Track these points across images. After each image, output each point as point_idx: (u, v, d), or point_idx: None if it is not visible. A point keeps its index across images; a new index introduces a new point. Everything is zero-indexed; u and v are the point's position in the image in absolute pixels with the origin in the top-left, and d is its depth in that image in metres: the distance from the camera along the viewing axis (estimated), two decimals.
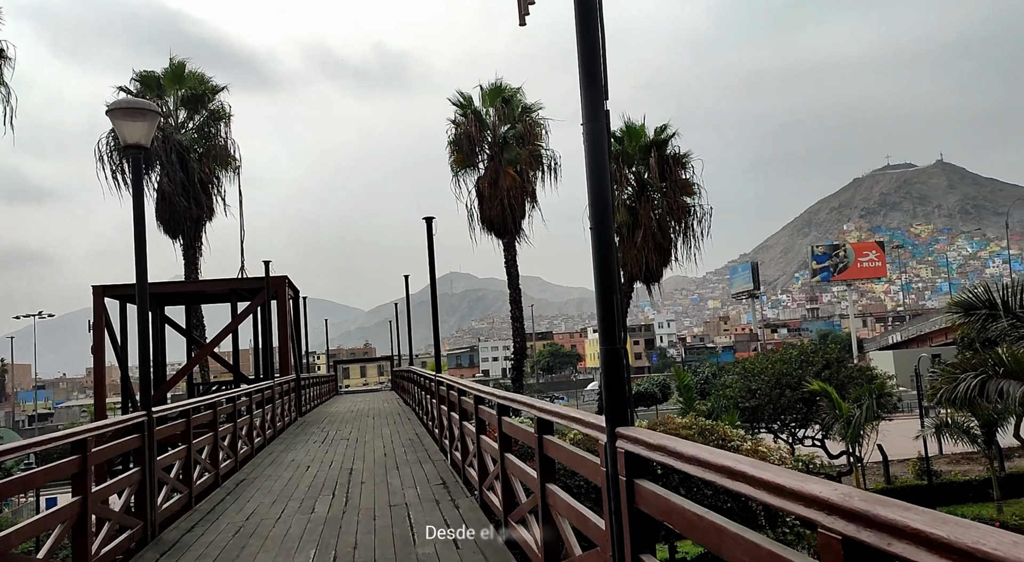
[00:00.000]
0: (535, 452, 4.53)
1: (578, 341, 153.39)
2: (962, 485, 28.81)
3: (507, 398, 5.85)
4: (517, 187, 28.23)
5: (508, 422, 5.79)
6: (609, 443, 3.05)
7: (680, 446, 2.39)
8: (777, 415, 28.22)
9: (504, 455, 5.85)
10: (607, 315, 3.05)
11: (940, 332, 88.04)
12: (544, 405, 4.40)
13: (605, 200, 3.10)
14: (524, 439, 5.22)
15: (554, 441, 4.29)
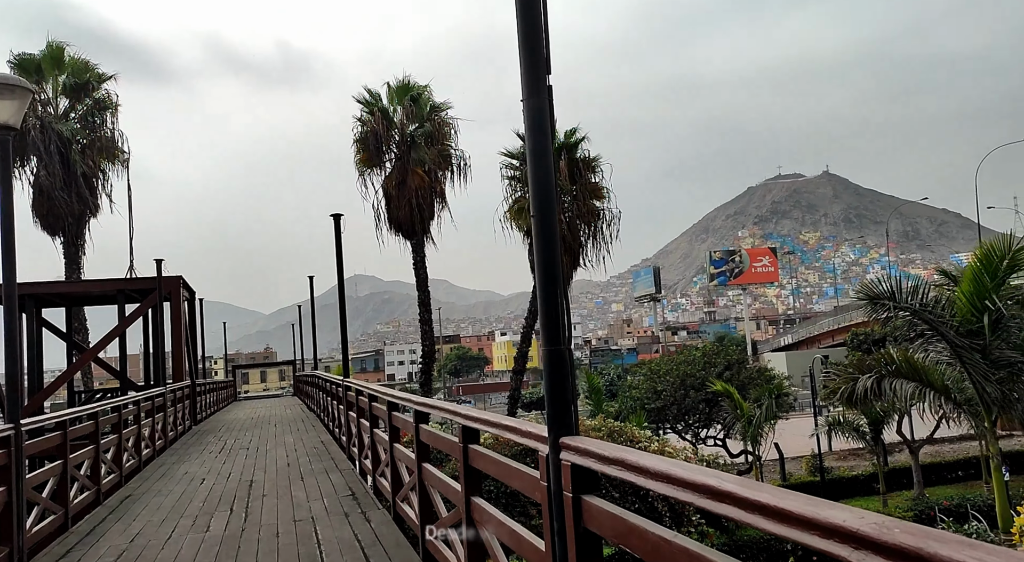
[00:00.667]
0: (460, 463, 4.17)
1: (485, 344, 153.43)
2: (850, 480, 30.20)
3: (426, 404, 5.45)
4: (426, 187, 27.74)
5: (427, 430, 5.39)
6: (552, 455, 2.73)
7: (645, 460, 2.08)
8: (682, 416, 28.80)
9: (422, 465, 5.45)
10: (551, 312, 2.74)
11: (828, 334, 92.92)
12: (471, 412, 4.04)
13: (548, 184, 2.78)
14: (446, 449, 4.85)
15: (482, 451, 3.94)
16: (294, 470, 11.22)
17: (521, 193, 28.76)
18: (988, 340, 14.18)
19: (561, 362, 2.74)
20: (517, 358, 28.21)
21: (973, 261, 14.44)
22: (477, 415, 3.95)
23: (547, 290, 2.76)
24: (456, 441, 4.30)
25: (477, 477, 4.15)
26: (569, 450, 2.60)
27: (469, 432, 4.14)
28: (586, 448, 2.47)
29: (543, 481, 2.83)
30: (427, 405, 5.39)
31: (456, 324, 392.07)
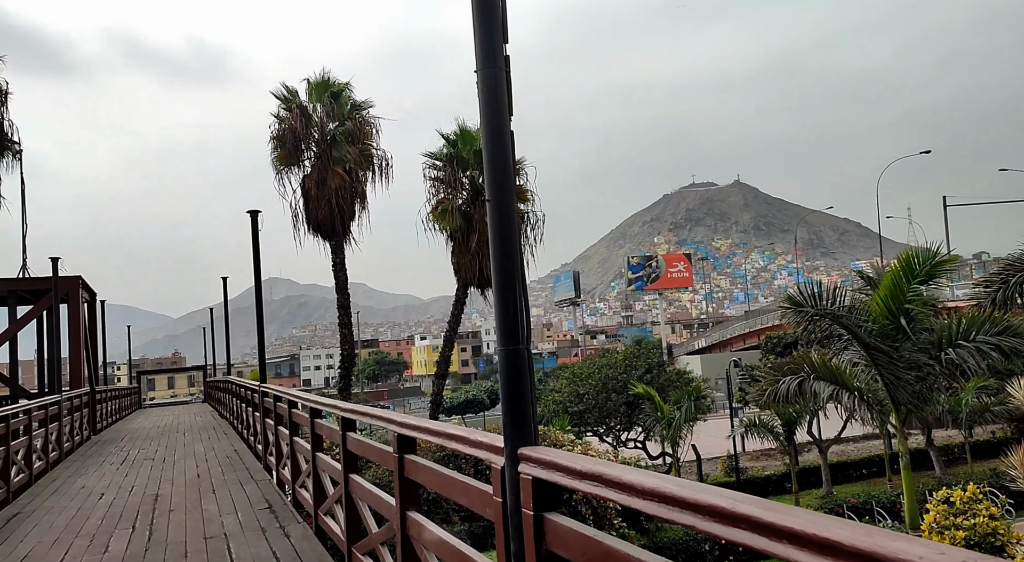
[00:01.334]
0: (395, 475, 3.81)
1: (405, 349, 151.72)
2: (764, 480, 31.07)
3: (354, 410, 5.05)
4: (346, 187, 27.00)
5: (355, 438, 4.99)
6: (509, 467, 2.42)
7: (630, 476, 1.78)
8: (603, 418, 28.96)
9: (349, 476, 5.05)
10: (508, 307, 2.44)
11: (740, 338, 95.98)
12: (408, 419, 3.69)
13: (505, 164, 2.48)
14: (378, 459, 4.47)
15: (421, 463, 3.59)
16: (205, 482, 10.51)
17: (444, 195, 28.34)
18: (902, 343, 14.68)
19: (519, 363, 2.45)
20: (439, 362, 27.73)
21: (894, 267, 14.94)
22: (415, 422, 3.59)
23: (504, 283, 2.46)
24: (390, 451, 3.93)
25: (414, 490, 3.80)
26: (530, 462, 2.30)
27: (405, 441, 3.79)
28: (552, 460, 2.17)
29: (497, 497, 2.52)
30: (355, 411, 4.99)
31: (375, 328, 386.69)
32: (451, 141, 28.17)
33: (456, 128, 28.19)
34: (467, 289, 28.07)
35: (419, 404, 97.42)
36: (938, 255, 15.13)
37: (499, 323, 2.48)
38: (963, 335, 15.08)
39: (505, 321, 2.44)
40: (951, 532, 11.44)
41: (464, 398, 59.00)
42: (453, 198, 27.93)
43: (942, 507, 11.95)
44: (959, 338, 15.06)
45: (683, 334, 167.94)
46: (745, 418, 28.84)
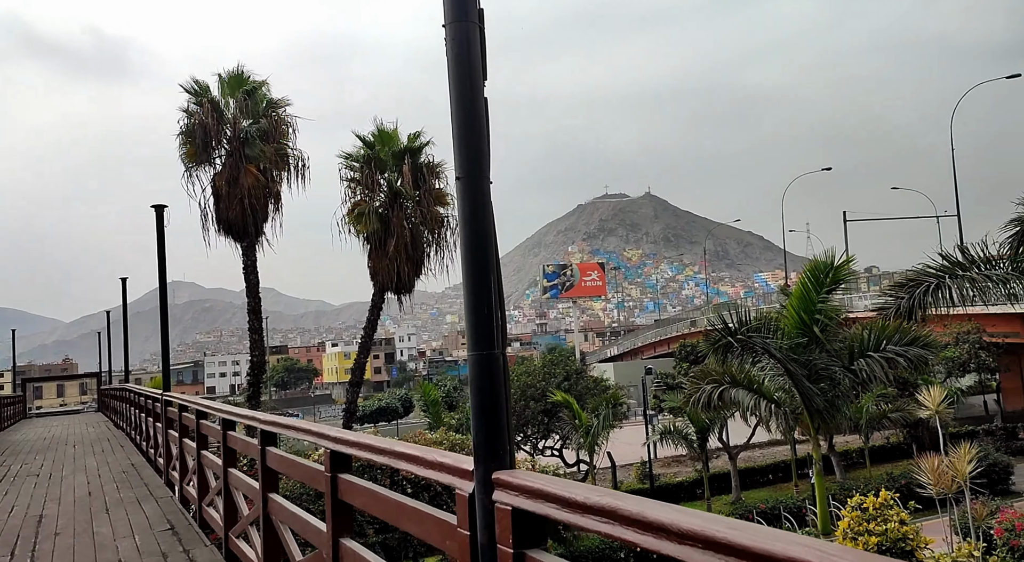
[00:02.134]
0: (327, 497, 3.35)
1: (315, 355, 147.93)
2: (676, 486, 31.56)
3: (276, 423, 4.53)
4: (260, 187, 25.90)
5: (277, 454, 4.48)
6: (480, 495, 2.03)
7: (659, 512, 1.42)
8: (521, 426, 28.74)
9: (268, 496, 4.53)
10: (480, 307, 2.06)
11: (650, 346, 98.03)
12: (345, 434, 3.23)
13: (478, 135, 2.11)
14: (304, 478, 3.99)
15: (360, 484, 3.14)
16: (97, 501, 9.58)
17: (361, 197, 27.59)
18: (815, 354, 15.02)
19: (494, 370, 2.07)
20: (354, 369, 26.87)
21: (801, 278, 15.28)
22: (353, 438, 3.13)
23: (476, 277, 2.09)
24: (320, 469, 3.47)
25: (348, 515, 3.35)
26: (509, 490, 1.92)
27: (340, 459, 3.34)
28: (541, 489, 1.79)
29: (463, 529, 2.12)
30: (278, 424, 4.47)
31: (284, 334, 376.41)
32: (368, 142, 27.48)
33: (374, 129, 27.54)
34: (383, 294, 27.38)
35: (330, 412, 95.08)
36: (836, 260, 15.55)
37: (470, 324, 2.09)
38: (873, 346, 15.58)
39: (477, 321, 2.06)
40: (864, 538, 11.71)
41: (378, 406, 57.80)
42: (370, 200, 27.24)
43: (856, 513, 12.24)
44: (869, 349, 15.54)
45: (595, 342, 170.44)
46: (660, 425, 29.21)
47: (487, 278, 2.07)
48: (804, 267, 15.21)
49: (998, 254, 16.56)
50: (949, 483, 11.58)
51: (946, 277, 16.75)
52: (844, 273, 15.24)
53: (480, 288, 2.07)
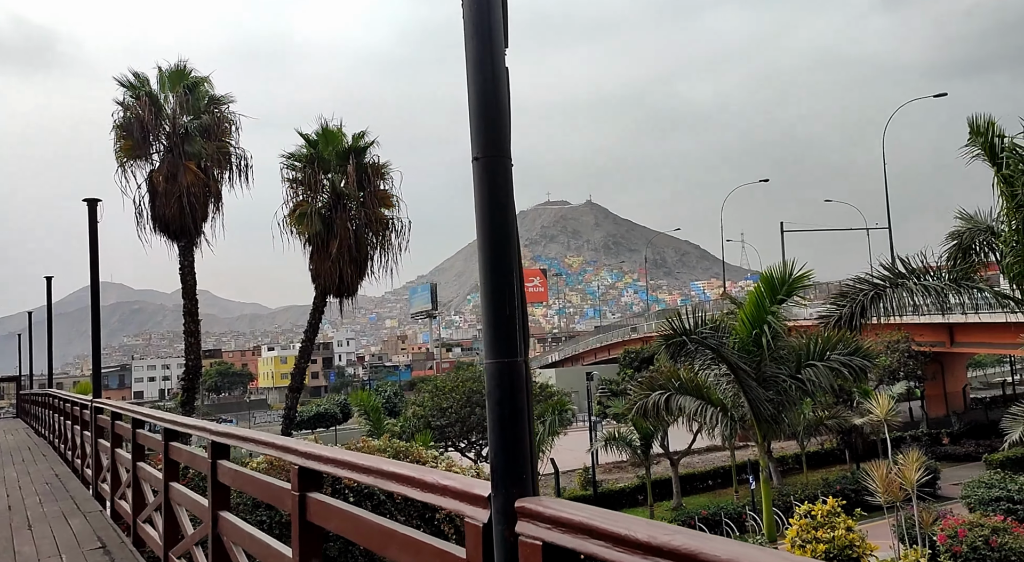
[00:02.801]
0: (294, 519, 3.00)
1: (251, 359, 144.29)
2: (618, 492, 31.68)
3: (229, 434, 4.13)
4: (200, 185, 24.99)
5: (231, 469, 4.08)
6: (499, 526, 1.74)
7: (753, 554, 1.17)
8: (466, 433, 28.38)
9: (219, 514, 4.13)
10: (500, 306, 1.78)
11: (591, 352, 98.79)
12: (319, 449, 2.88)
13: (499, 110, 1.84)
14: (266, 496, 3.62)
15: (335, 505, 2.79)
16: (19, 515, 8.87)
17: (303, 197, 26.89)
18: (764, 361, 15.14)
19: (515, 380, 1.78)
20: (295, 374, 26.06)
21: (756, 286, 15.39)
22: (328, 454, 2.77)
23: (496, 276, 1.80)
24: (287, 487, 3.12)
25: (318, 539, 3.00)
26: (538, 521, 1.64)
27: (310, 476, 3.00)
28: (586, 523, 1.50)
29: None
30: (233, 436, 4.07)
31: (217, 338, 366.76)
32: (312, 141, 26.81)
33: (318, 128, 26.88)
34: (325, 297, 26.70)
35: (265, 417, 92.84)
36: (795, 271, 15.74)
37: (489, 326, 1.81)
38: (818, 355, 15.81)
39: (496, 324, 1.78)
40: (812, 545, 11.81)
41: (316, 412, 56.53)
42: (312, 201, 26.56)
43: (804, 521, 12.33)
44: (814, 357, 15.76)
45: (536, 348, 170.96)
46: (605, 431, 29.25)
47: (508, 274, 1.80)
48: (760, 275, 15.33)
49: (936, 266, 17.05)
50: (897, 490, 11.76)
51: (886, 287, 17.18)
52: (799, 284, 15.43)
53: (500, 286, 1.80)
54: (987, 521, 11.89)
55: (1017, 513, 13.69)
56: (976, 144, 16.84)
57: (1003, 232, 16.28)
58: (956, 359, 48.82)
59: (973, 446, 37.67)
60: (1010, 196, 15.90)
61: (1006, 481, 14.65)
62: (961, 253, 16.97)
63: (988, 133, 16.56)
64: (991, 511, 13.88)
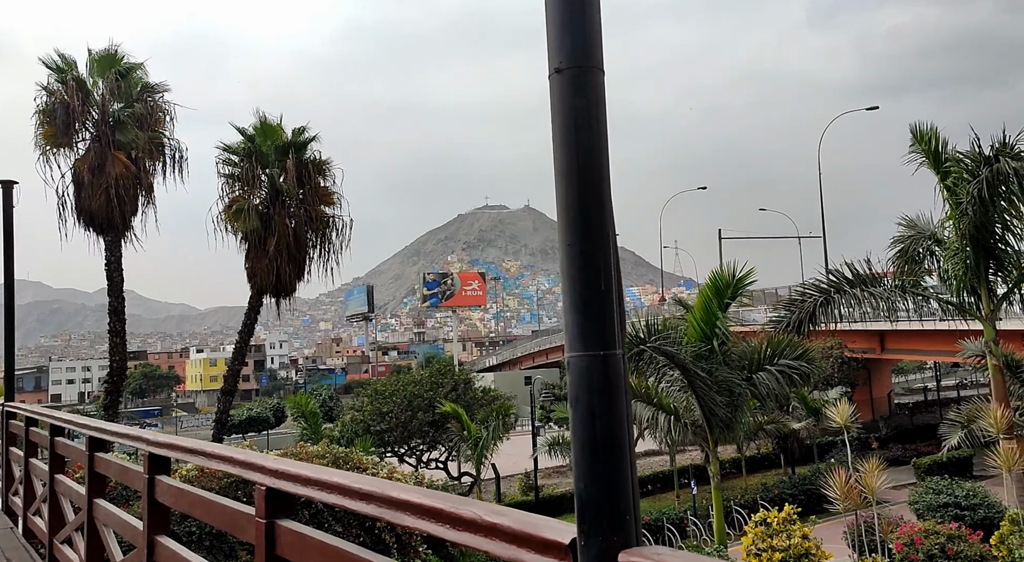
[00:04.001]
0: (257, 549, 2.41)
1: (178, 362, 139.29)
2: (559, 498, 31.38)
3: (176, 447, 3.46)
4: (130, 177, 23.65)
5: (174, 487, 3.43)
6: None
7: None
8: (406, 438, 27.60)
9: (156, 540, 3.48)
10: (590, 280, 1.26)
11: (529, 356, 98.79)
12: (289, 466, 2.27)
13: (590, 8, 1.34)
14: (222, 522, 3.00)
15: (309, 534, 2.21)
16: None
17: (240, 192, 25.77)
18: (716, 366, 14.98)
19: (612, 381, 1.28)
20: (228, 376, 24.86)
21: (705, 289, 15.25)
22: (308, 474, 2.14)
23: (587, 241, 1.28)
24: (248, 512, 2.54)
25: None
26: None
27: (281, 499, 2.42)
28: None
29: None
30: (177, 447, 3.40)
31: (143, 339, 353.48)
32: (249, 135, 25.74)
33: (256, 121, 25.84)
34: (262, 297, 25.62)
35: (192, 422, 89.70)
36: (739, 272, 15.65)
37: (574, 307, 1.28)
38: (768, 359, 15.76)
39: (586, 304, 1.26)
40: (768, 554, 11.63)
41: (247, 416, 54.62)
42: (250, 197, 25.48)
43: (759, 529, 12.15)
44: (765, 361, 15.71)
45: (474, 351, 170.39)
46: (548, 436, 28.90)
47: (603, 233, 1.29)
48: (707, 277, 15.19)
49: (883, 272, 17.30)
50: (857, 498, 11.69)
51: (835, 293, 17.32)
52: (744, 284, 15.35)
53: (592, 249, 1.27)
54: (942, 529, 11.94)
55: (965, 519, 13.86)
56: (920, 151, 17.15)
57: (947, 239, 16.62)
58: (883, 365, 50.46)
59: (900, 450, 38.75)
60: (954, 204, 16.23)
61: (953, 487, 14.83)
62: (905, 259, 17.26)
63: (932, 142, 16.89)
64: (939, 517, 14.03)
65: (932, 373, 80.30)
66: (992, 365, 15.83)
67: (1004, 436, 14.77)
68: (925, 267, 17.23)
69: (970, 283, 15.99)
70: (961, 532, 11.89)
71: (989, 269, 16.03)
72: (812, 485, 28.47)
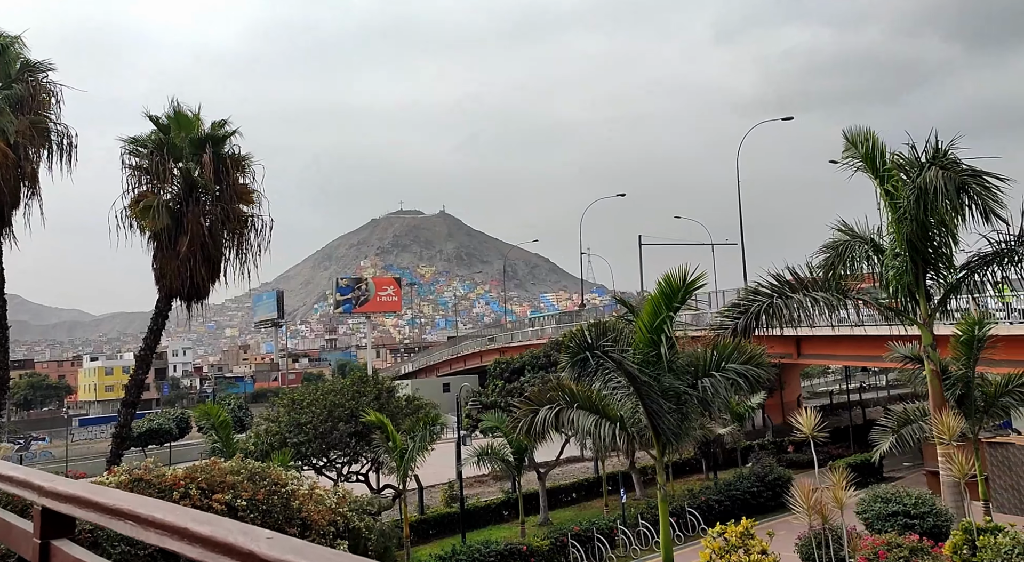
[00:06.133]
0: None
1: (69, 371, 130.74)
2: (484, 509, 30.46)
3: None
4: (10, 165, 21.42)
5: None
6: None
7: None
8: (325, 450, 26.06)
9: None
10: None
11: (445, 363, 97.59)
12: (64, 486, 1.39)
13: None
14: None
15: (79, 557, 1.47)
16: None
17: (148, 187, 23.78)
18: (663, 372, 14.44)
19: None
20: (130, 386, 22.78)
21: (655, 293, 14.69)
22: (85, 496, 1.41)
23: None
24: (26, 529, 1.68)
25: None
26: None
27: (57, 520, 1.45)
28: None
29: None
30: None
31: (30, 347, 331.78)
32: (162, 126, 23.83)
33: (170, 110, 23.94)
34: (171, 301, 23.69)
35: (85, 435, 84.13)
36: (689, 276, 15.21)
37: None
38: (715, 364, 15.34)
39: None
40: None
41: (147, 427, 51.27)
42: (160, 192, 23.55)
43: (718, 543, 11.59)
44: (712, 367, 15.28)
45: (388, 358, 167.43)
46: (474, 445, 27.92)
47: None
48: (657, 281, 14.64)
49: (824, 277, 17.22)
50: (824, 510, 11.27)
51: (775, 298, 17.12)
52: (694, 287, 14.89)
53: None
54: (905, 541, 11.70)
55: (914, 527, 13.77)
56: (855, 155, 17.13)
57: (885, 244, 16.66)
58: (794, 370, 51.94)
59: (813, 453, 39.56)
60: (893, 208, 16.26)
61: (902, 496, 14.75)
62: (841, 264, 17.23)
63: (868, 146, 16.90)
64: (889, 526, 13.89)
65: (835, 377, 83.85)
66: (929, 370, 15.89)
67: (940, 441, 14.78)
68: (863, 271, 17.23)
69: (908, 288, 16.03)
70: (924, 545, 11.68)
71: (927, 274, 16.11)
72: (737, 491, 28.58)
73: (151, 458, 16.73)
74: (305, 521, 12.68)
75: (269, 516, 12.00)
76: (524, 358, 33.88)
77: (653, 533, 25.52)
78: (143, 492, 11.59)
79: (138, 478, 12.04)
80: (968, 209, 15.12)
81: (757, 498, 28.73)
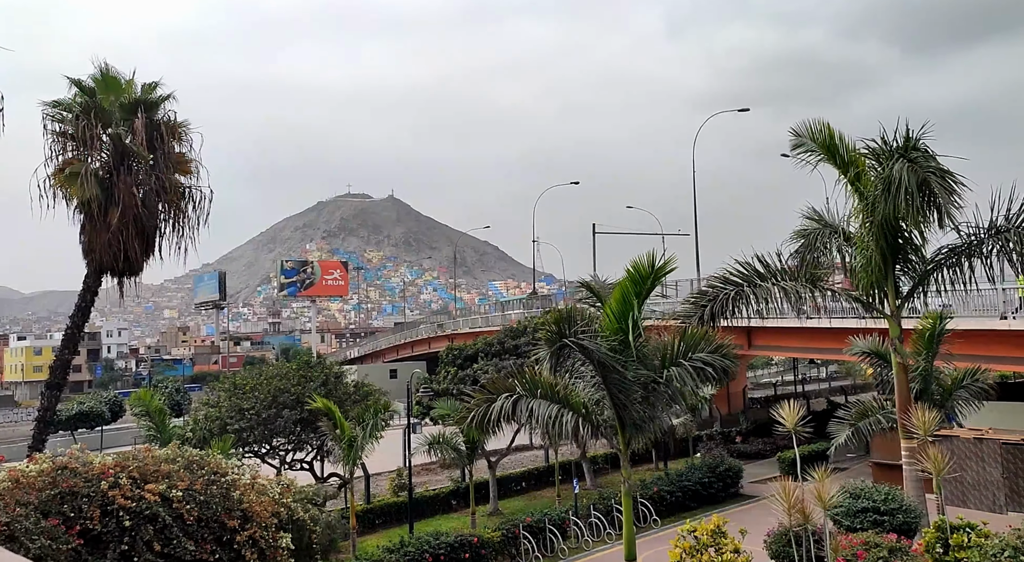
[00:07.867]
0: None
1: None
2: (432, 498, 29.66)
3: None
4: None
5: None
6: None
7: None
8: (269, 437, 24.85)
9: None
10: None
11: (392, 349, 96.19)
12: None
13: None
14: None
15: None
16: None
17: (74, 155, 22.08)
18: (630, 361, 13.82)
19: None
20: (56, 367, 21.18)
21: (623, 280, 14.07)
22: None
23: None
24: None
25: None
26: None
27: None
28: None
29: None
30: None
31: None
32: (88, 89, 22.09)
33: (96, 72, 22.21)
34: (100, 276, 22.11)
35: (11, 417, 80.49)
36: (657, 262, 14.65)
37: None
38: (682, 354, 14.80)
39: None
40: None
41: (77, 410, 48.84)
42: (88, 160, 21.86)
43: (688, 542, 11.03)
44: (680, 356, 14.74)
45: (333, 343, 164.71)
46: (427, 433, 27.01)
47: None
48: (626, 268, 13.97)
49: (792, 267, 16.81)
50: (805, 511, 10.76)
51: (744, 286, 16.65)
52: (664, 273, 14.30)
53: None
54: (883, 540, 11.32)
55: (884, 524, 13.47)
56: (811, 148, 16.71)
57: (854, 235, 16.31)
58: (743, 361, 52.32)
59: (761, 444, 39.82)
60: (861, 197, 15.90)
61: (871, 491, 14.45)
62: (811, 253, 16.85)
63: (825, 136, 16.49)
64: (859, 523, 13.58)
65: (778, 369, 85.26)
66: (896, 363, 15.63)
67: (910, 436, 14.54)
68: (830, 261, 16.88)
69: (876, 279, 15.71)
70: (902, 544, 11.31)
71: (896, 265, 15.81)
72: (689, 482, 28.36)
73: (80, 444, 15.44)
74: (246, 513, 11.71)
75: (207, 507, 11.03)
76: (477, 344, 33.03)
77: (605, 524, 25.09)
78: (68, 481, 10.44)
79: (62, 466, 10.88)
80: (926, 208, 14.56)
81: (708, 488, 28.59)
